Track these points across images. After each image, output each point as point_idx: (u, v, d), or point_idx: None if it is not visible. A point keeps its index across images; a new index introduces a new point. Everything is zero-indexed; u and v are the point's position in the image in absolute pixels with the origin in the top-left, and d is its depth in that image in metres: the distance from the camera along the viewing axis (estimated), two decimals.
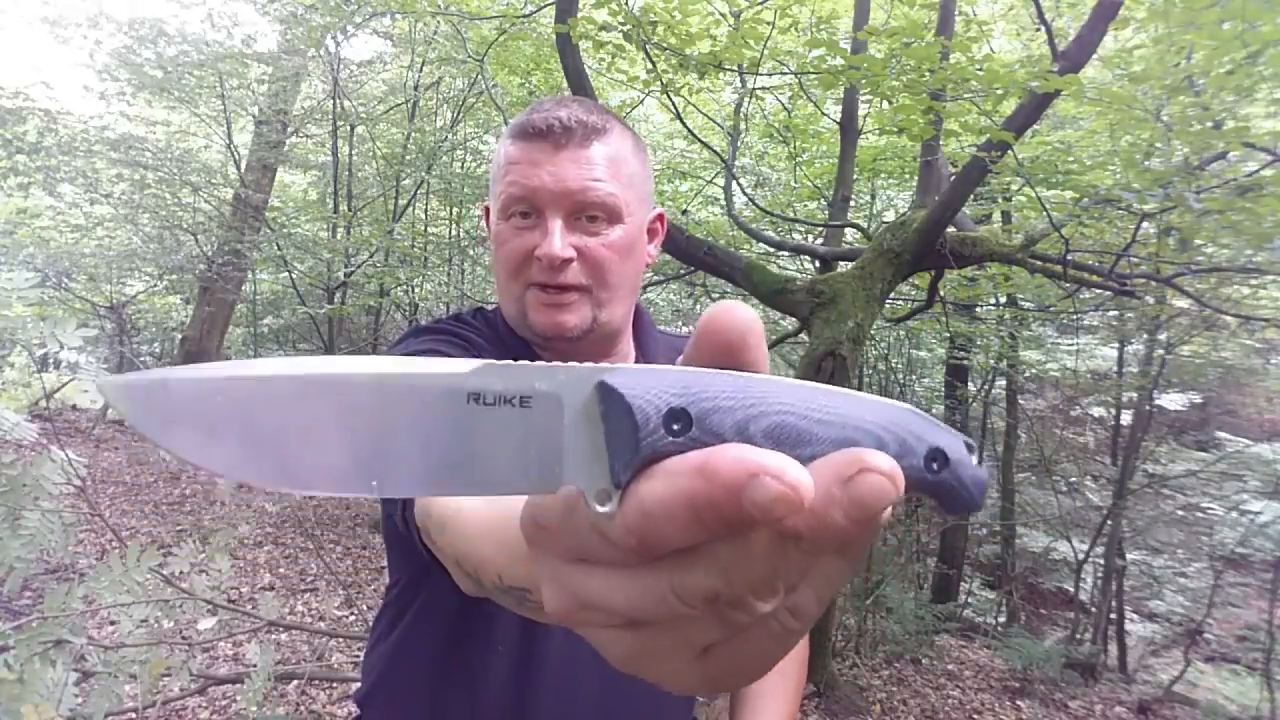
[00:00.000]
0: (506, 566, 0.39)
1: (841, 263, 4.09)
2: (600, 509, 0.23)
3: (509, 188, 0.77)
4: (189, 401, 0.24)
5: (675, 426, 0.23)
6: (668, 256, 4.36)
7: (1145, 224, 3.44)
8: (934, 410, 6.93)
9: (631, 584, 0.24)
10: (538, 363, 0.25)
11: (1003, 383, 6.46)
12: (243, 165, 8.03)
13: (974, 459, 0.26)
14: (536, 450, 0.24)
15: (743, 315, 0.25)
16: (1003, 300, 5.88)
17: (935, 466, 0.25)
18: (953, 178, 3.33)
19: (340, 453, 0.24)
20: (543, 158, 0.75)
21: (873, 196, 6.38)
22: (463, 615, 0.77)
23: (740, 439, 0.23)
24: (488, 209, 0.85)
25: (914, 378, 6.95)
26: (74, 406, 8.44)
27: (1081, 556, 5.66)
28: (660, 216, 0.86)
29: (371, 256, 7.05)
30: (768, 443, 0.23)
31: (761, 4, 3.90)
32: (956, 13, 3.50)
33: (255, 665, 1.78)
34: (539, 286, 0.77)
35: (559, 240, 0.75)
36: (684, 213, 5.79)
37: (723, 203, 5.31)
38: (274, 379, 0.25)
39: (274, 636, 3.51)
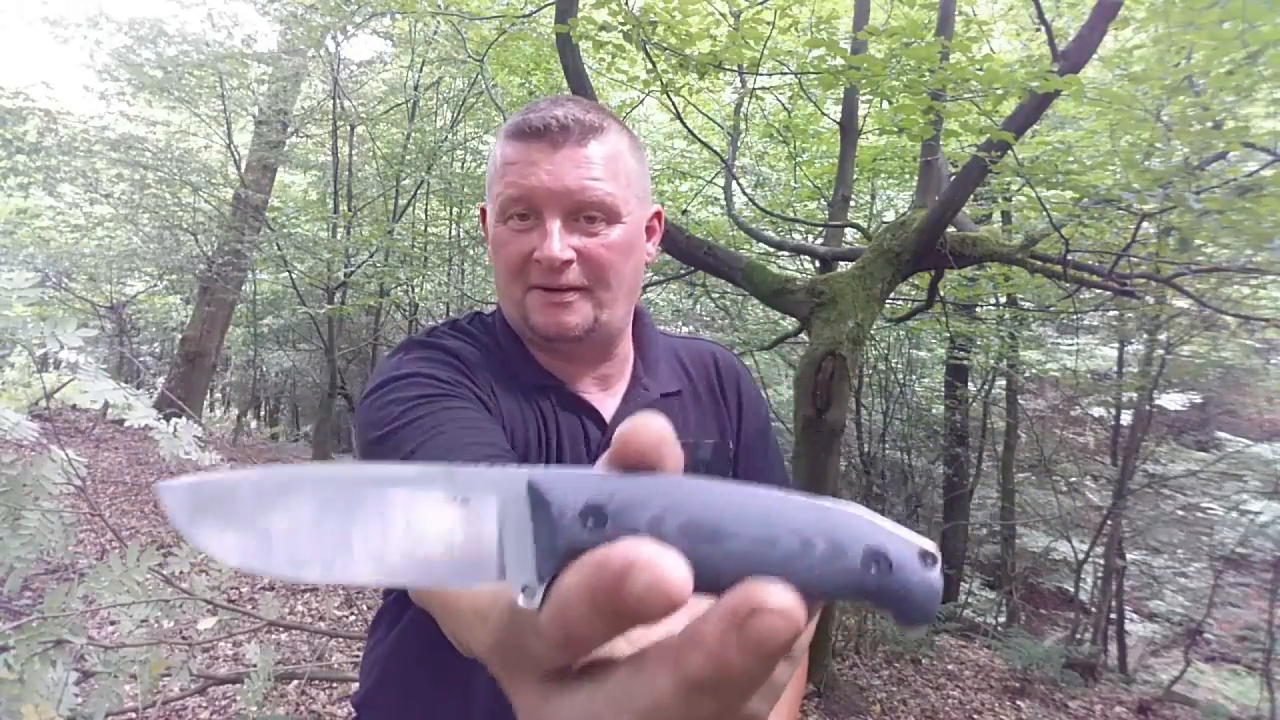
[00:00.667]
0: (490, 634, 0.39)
1: (841, 263, 4.09)
2: (523, 603, 0.24)
3: (506, 189, 0.75)
4: (208, 502, 0.27)
5: (590, 522, 0.24)
6: (668, 257, 4.37)
7: (1145, 224, 3.44)
8: (934, 410, 6.93)
9: (596, 696, 0.25)
10: (479, 467, 0.27)
11: (1003, 383, 6.46)
12: (243, 165, 8.03)
13: (925, 564, 0.25)
14: (477, 547, 0.26)
15: (655, 427, 0.26)
16: (1003, 300, 5.89)
17: (874, 571, 0.24)
18: (953, 178, 3.33)
19: (314, 544, 0.27)
20: (540, 157, 0.74)
21: (873, 196, 6.38)
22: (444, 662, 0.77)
23: (654, 534, 0.23)
24: (485, 210, 0.84)
25: (914, 378, 6.96)
26: (74, 406, 8.44)
27: (1081, 556, 5.66)
28: (658, 214, 0.85)
29: (371, 256, 7.05)
30: (683, 538, 0.23)
31: (761, 4, 3.90)
32: (956, 13, 3.50)
33: (255, 665, 1.78)
34: (540, 288, 0.76)
35: (558, 242, 0.73)
36: (684, 213, 5.79)
37: (723, 203, 5.31)
38: (265, 481, 0.27)
39: (274, 636, 3.51)
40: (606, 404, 0.83)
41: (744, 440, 0.90)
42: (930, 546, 0.25)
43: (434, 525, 0.26)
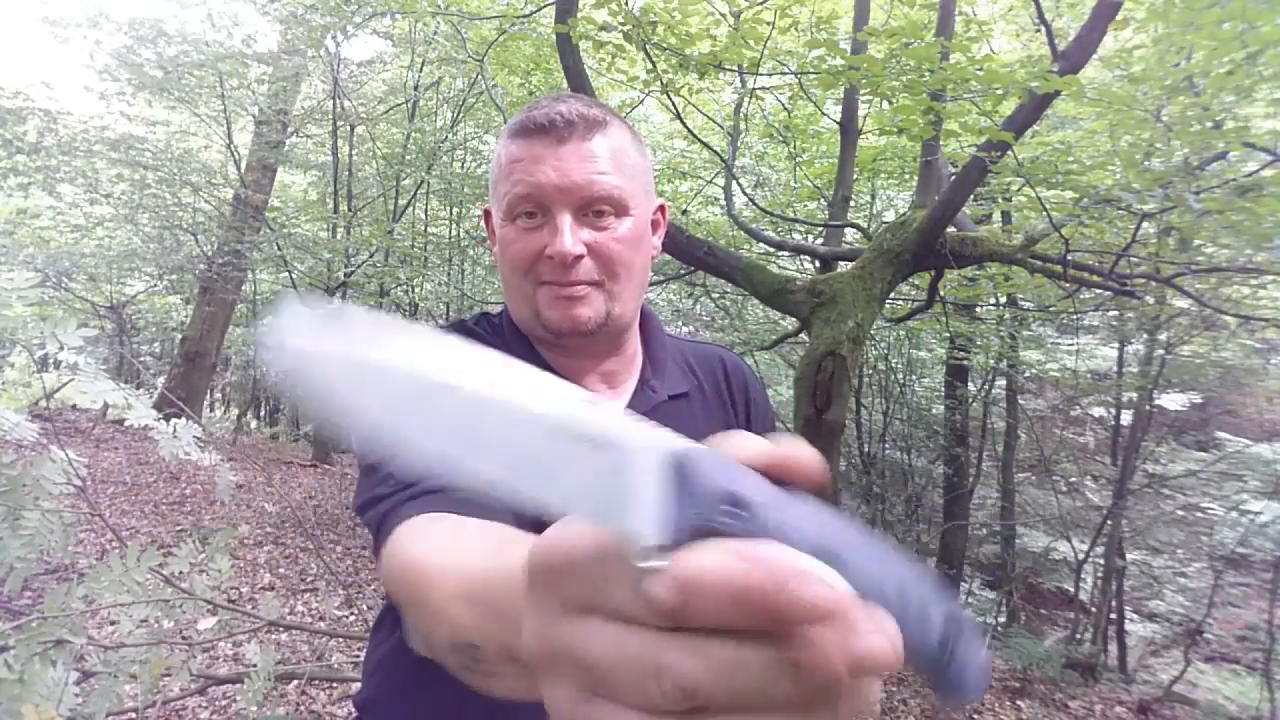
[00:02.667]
0: (460, 617, 0.38)
1: (841, 263, 4.09)
2: (649, 564, 0.24)
3: (513, 187, 0.75)
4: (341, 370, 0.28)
5: (730, 509, 0.24)
6: (668, 257, 4.36)
7: (1145, 224, 3.44)
8: (934, 410, 6.93)
9: (623, 644, 0.24)
10: (621, 417, 0.27)
11: (1003, 383, 6.46)
12: (243, 165, 8.03)
13: (980, 645, 0.25)
14: (608, 492, 0.26)
15: (818, 464, 0.27)
16: (1003, 300, 5.89)
17: (948, 642, 0.25)
18: (953, 178, 3.33)
19: (443, 440, 0.27)
20: (545, 153, 0.73)
21: (873, 196, 6.38)
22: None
23: (783, 542, 0.24)
24: (488, 212, 0.83)
25: (914, 378, 6.96)
26: (74, 406, 8.44)
27: (1081, 556, 5.66)
28: (662, 208, 0.85)
29: (371, 256, 7.05)
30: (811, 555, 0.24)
31: (761, 4, 3.90)
32: (956, 13, 3.50)
33: (255, 665, 1.78)
34: (551, 284, 0.75)
35: (569, 237, 0.73)
36: (684, 213, 5.79)
37: (723, 203, 5.31)
38: (405, 374, 0.28)
39: (274, 636, 3.51)
40: (613, 404, 0.83)
41: None
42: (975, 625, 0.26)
43: (567, 460, 0.26)
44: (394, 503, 0.60)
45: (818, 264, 4.51)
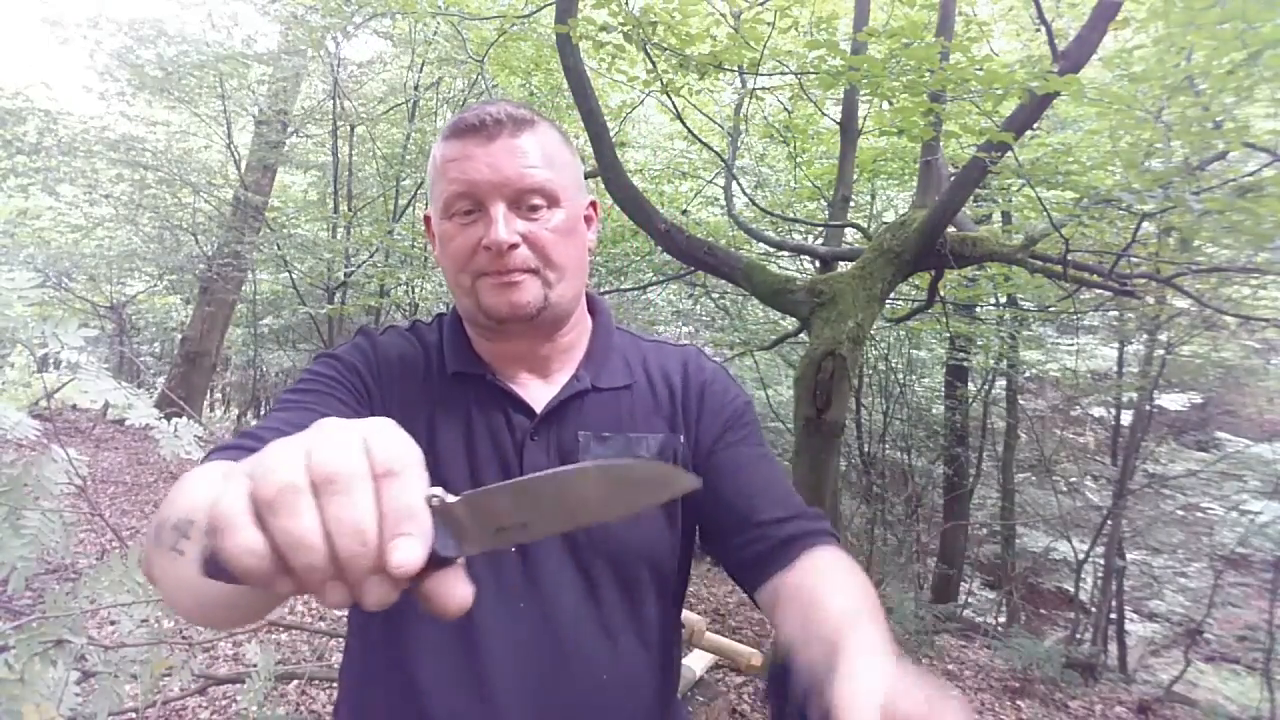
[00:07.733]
0: (193, 500, 0.51)
1: (841, 263, 4.09)
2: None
3: (449, 185, 0.78)
4: None
5: None
6: (668, 256, 4.36)
7: (1145, 224, 3.44)
8: (934, 410, 6.93)
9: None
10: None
11: (1003, 383, 6.46)
12: (243, 165, 8.03)
13: None
14: None
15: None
16: (1003, 300, 5.89)
17: None
18: (953, 178, 3.33)
19: None
20: (477, 150, 0.77)
21: (873, 196, 6.38)
22: (390, 621, 0.79)
23: None
24: (428, 218, 0.86)
25: (914, 378, 6.95)
26: (74, 406, 8.44)
27: (1081, 556, 5.66)
28: (594, 204, 0.88)
29: (371, 256, 7.05)
30: None
31: (761, 4, 3.90)
32: (956, 13, 3.50)
33: (255, 665, 1.78)
34: (489, 274, 0.78)
35: (503, 228, 0.76)
36: (684, 213, 5.79)
37: (723, 203, 5.31)
38: None
39: (274, 636, 3.51)
40: (541, 393, 0.84)
41: (702, 438, 0.87)
42: None
43: None
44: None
45: (818, 264, 4.51)
